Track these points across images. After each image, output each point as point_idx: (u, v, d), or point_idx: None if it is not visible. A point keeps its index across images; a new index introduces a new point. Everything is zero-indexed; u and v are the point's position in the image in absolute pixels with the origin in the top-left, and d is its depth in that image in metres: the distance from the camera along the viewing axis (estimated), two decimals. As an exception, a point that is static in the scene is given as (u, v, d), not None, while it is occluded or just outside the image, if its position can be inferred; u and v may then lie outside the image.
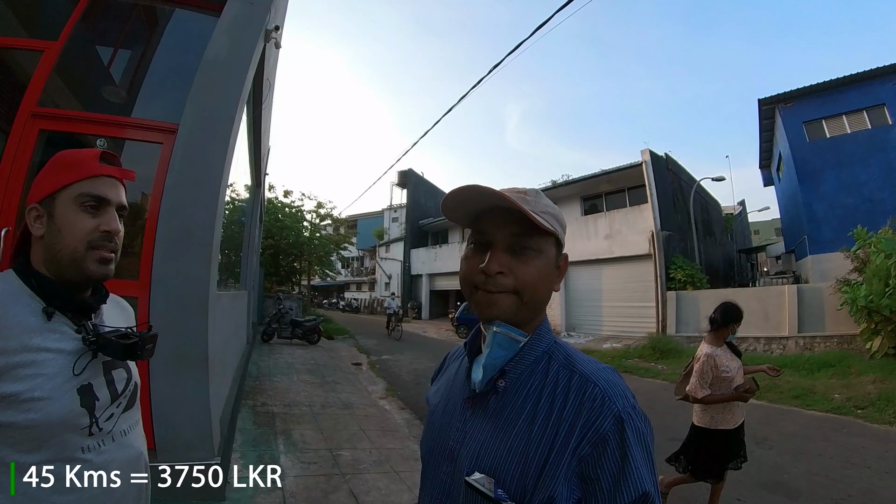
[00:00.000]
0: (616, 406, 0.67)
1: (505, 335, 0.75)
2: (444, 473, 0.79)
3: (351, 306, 38.89)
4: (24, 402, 0.83)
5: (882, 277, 8.91)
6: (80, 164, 0.97)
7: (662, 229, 15.70)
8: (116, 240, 0.98)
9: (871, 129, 15.09)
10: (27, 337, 0.87)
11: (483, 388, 0.77)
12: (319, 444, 4.64)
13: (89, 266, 0.95)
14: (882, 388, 7.64)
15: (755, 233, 36.35)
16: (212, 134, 3.52)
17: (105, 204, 0.97)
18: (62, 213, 0.94)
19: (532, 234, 0.75)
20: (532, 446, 0.69)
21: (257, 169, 8.68)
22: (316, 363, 9.88)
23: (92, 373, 0.95)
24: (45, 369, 0.87)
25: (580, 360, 0.76)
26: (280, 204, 20.85)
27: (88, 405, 0.92)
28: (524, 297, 0.74)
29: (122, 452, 0.98)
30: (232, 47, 3.72)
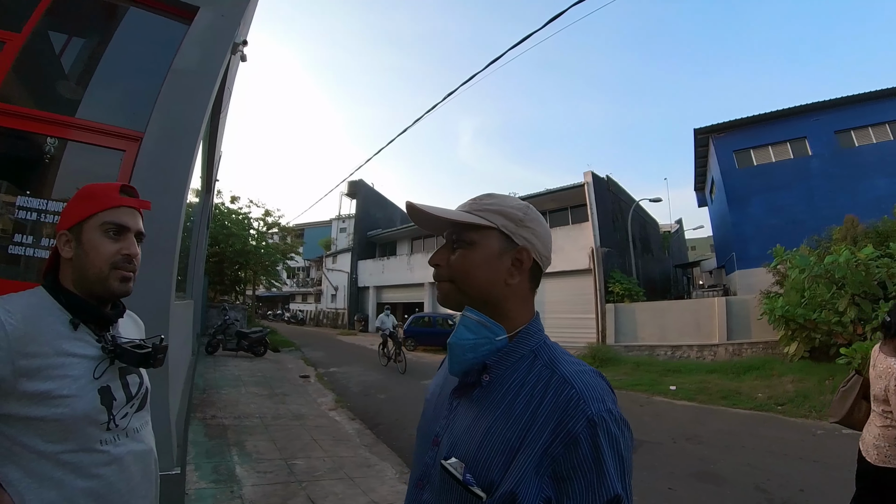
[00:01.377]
0: (590, 409, 0.69)
1: (470, 318, 0.80)
2: (429, 457, 0.83)
3: (296, 318, 37.99)
4: (54, 399, 0.97)
5: (798, 290, 9.90)
6: (103, 196, 1.12)
7: (602, 246, 16.56)
8: (135, 261, 1.13)
9: (794, 158, 16.93)
10: (58, 343, 1.01)
11: (467, 377, 0.82)
12: (273, 454, 4.67)
13: (112, 284, 1.09)
14: (799, 386, 8.57)
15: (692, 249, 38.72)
16: (178, 144, 3.50)
17: (125, 231, 1.12)
18: (89, 239, 1.08)
19: (462, 229, 0.83)
20: (504, 438, 0.72)
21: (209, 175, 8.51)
22: (264, 375, 9.71)
23: (110, 376, 1.09)
24: (72, 371, 1.01)
25: (564, 361, 0.78)
26: (227, 210, 20.11)
27: (107, 403, 1.06)
28: (458, 284, 0.82)
29: (134, 447, 1.12)
30: (202, 59, 3.70)
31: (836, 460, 5.14)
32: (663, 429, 6.68)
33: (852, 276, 8.75)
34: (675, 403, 8.56)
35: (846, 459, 5.11)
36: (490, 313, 0.81)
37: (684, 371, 11.09)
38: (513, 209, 0.84)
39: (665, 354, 13.84)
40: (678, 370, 11.25)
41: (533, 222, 0.85)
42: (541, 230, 0.86)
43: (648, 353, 14.09)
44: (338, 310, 33.95)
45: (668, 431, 6.51)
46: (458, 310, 0.84)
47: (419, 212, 0.84)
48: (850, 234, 11.06)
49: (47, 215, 3.04)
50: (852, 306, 8.82)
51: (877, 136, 15.83)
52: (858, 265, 8.78)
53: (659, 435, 6.31)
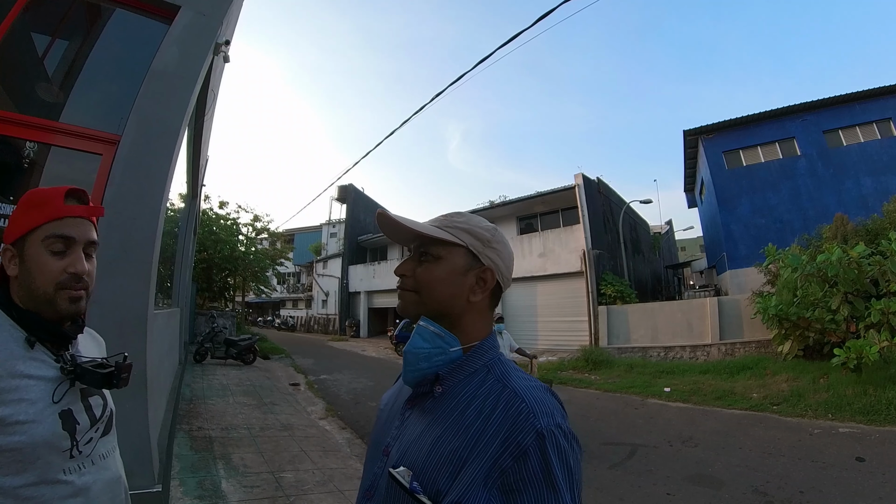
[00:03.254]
0: (539, 423, 0.70)
1: (425, 327, 0.82)
2: (378, 467, 0.84)
3: (287, 324, 37.65)
4: (9, 426, 0.86)
5: (790, 289, 9.89)
6: (46, 204, 0.98)
7: (593, 248, 16.51)
8: (86, 278, 1.01)
9: (782, 158, 17.07)
10: (12, 364, 0.90)
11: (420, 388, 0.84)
12: (261, 466, 4.52)
13: (61, 305, 0.98)
14: (793, 385, 8.53)
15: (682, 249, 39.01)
16: (156, 147, 3.40)
17: (72, 243, 0.99)
18: (32, 256, 0.97)
19: (431, 243, 0.85)
20: (453, 447, 0.73)
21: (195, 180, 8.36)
22: (252, 384, 9.53)
23: (71, 399, 0.99)
24: (29, 395, 0.91)
25: (515, 376, 0.80)
26: (215, 215, 19.85)
27: (70, 428, 0.96)
28: (422, 295, 0.84)
29: (101, 475, 1.02)
30: (182, 59, 3.60)
31: (834, 459, 5.09)
32: (658, 431, 6.60)
33: (844, 274, 8.74)
34: (670, 405, 8.49)
35: (844, 459, 5.13)
36: (447, 326, 0.83)
37: (677, 372, 11.03)
38: (481, 230, 0.87)
39: (658, 356, 13.81)
40: (671, 371, 11.19)
41: (499, 244, 0.88)
42: (505, 252, 0.89)
43: (641, 355, 14.05)
44: (329, 315, 33.72)
45: (663, 434, 6.44)
46: (414, 319, 0.86)
47: (390, 222, 0.86)
48: (841, 233, 11.11)
49: None
50: (845, 304, 8.82)
51: (864, 135, 16.01)
52: (850, 263, 8.77)
53: (654, 438, 6.23)
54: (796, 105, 16.74)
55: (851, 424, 6.47)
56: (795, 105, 16.75)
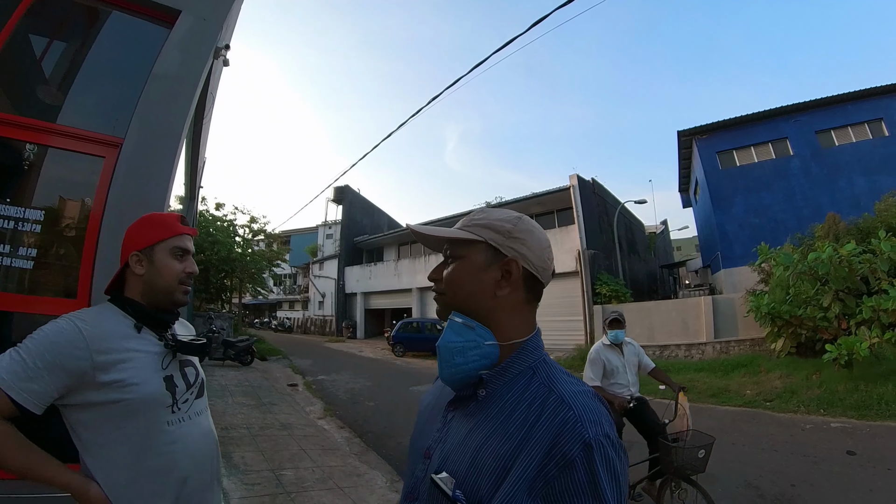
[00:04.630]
0: (588, 433, 0.67)
1: (455, 321, 0.81)
2: (420, 470, 0.82)
3: (284, 326, 37.63)
4: (125, 386, 1.17)
5: (783, 287, 10.04)
6: (169, 224, 1.35)
7: (588, 248, 16.64)
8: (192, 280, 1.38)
9: (776, 159, 17.26)
10: (125, 341, 1.23)
11: (463, 391, 0.81)
12: (261, 465, 4.58)
13: (178, 296, 1.34)
14: (786, 382, 8.71)
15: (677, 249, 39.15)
16: (158, 150, 3.42)
17: (187, 253, 1.36)
18: (160, 259, 1.31)
19: (456, 245, 0.85)
20: (497, 455, 0.70)
21: (193, 182, 8.39)
22: (251, 385, 9.57)
23: (173, 369, 1.30)
24: (139, 363, 1.22)
25: (561, 380, 0.77)
26: (212, 217, 19.87)
27: (171, 389, 1.27)
28: (449, 295, 0.84)
29: (195, 428, 1.31)
30: (183, 63, 3.63)
31: (826, 454, 5.19)
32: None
33: (836, 272, 8.86)
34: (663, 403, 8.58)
35: (835, 453, 5.22)
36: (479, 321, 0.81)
37: (673, 370, 11.11)
38: (501, 222, 0.85)
39: (653, 354, 13.87)
40: (666, 369, 11.15)
41: (523, 233, 0.84)
42: (532, 241, 0.85)
43: (637, 354, 14.14)
44: (325, 317, 33.71)
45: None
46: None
47: (419, 233, 0.89)
48: (833, 232, 11.24)
49: (25, 224, 2.98)
50: (836, 302, 8.94)
51: (856, 135, 16.19)
52: (841, 261, 8.89)
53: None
54: (789, 106, 16.94)
55: (843, 419, 6.59)
56: (788, 106, 16.95)
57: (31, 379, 1.07)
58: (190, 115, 3.81)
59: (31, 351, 1.10)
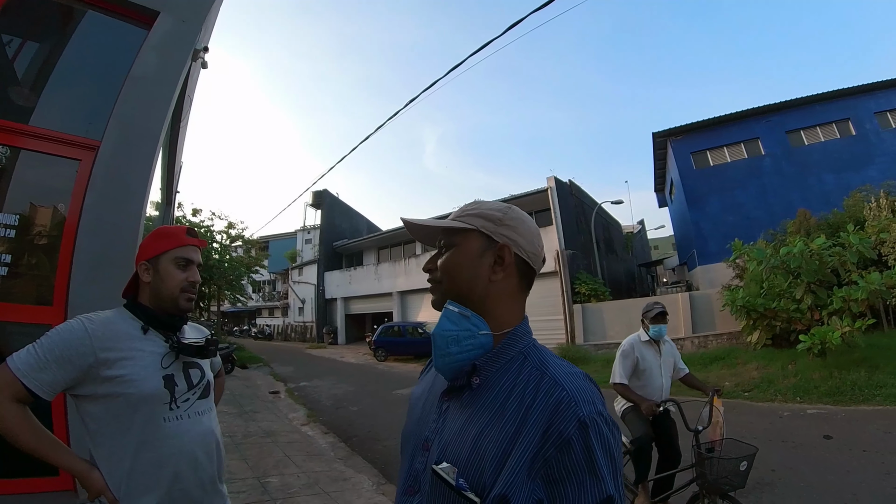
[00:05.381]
0: (582, 411, 0.68)
1: (451, 310, 0.82)
2: (419, 462, 0.82)
3: (264, 333, 37.10)
4: (126, 381, 1.27)
5: (757, 281, 10.33)
6: (175, 236, 1.46)
7: (567, 248, 16.84)
8: (196, 287, 1.47)
9: (748, 158, 17.87)
10: (130, 341, 1.33)
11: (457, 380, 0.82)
12: (245, 472, 4.51)
13: (181, 303, 1.43)
14: (763, 372, 8.91)
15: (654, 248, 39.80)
16: (135, 153, 3.35)
17: (191, 263, 1.46)
18: (164, 269, 1.41)
19: (450, 234, 0.88)
20: (496, 441, 0.71)
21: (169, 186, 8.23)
22: (232, 393, 9.40)
23: (175, 369, 1.39)
24: (142, 362, 1.32)
25: (553, 363, 0.79)
26: (188, 223, 19.49)
27: (170, 388, 1.35)
28: (444, 284, 0.86)
29: (195, 427, 1.38)
30: (161, 65, 3.55)
31: (803, 440, 5.34)
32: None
33: (807, 265, 9.14)
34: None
35: (813, 439, 5.37)
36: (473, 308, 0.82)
37: (654, 365, 11.31)
38: (492, 210, 0.87)
39: (635, 350, 14.09)
40: (648, 365, 11.44)
41: (514, 221, 0.87)
42: (523, 228, 0.87)
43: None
44: (306, 323, 33.34)
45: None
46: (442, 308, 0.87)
47: (412, 225, 0.91)
48: (804, 227, 11.60)
49: None
50: (809, 294, 9.23)
51: (825, 134, 16.82)
52: (812, 255, 9.19)
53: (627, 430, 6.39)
54: (761, 107, 17.50)
55: (819, 406, 6.79)
56: (760, 107, 17.52)
57: (42, 370, 1.21)
58: (168, 118, 3.75)
59: (44, 346, 1.24)
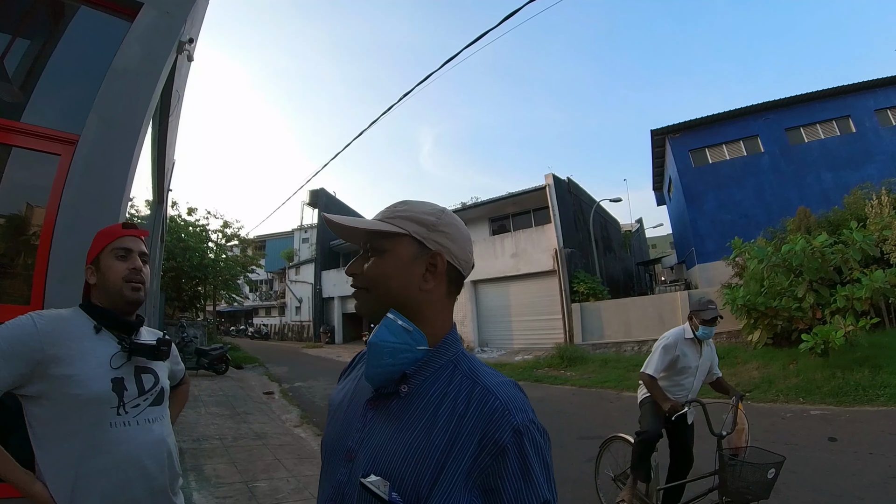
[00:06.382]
0: (515, 419, 0.69)
1: (393, 321, 0.77)
2: (342, 474, 0.78)
3: (261, 333, 36.97)
4: (73, 381, 1.24)
5: (757, 280, 10.16)
6: (111, 232, 1.44)
7: (565, 247, 16.68)
8: (142, 275, 1.43)
9: (747, 156, 17.68)
10: (81, 340, 1.30)
11: (384, 388, 0.79)
12: (234, 477, 4.38)
13: (126, 293, 1.39)
14: (764, 372, 8.82)
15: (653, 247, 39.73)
16: (116, 147, 3.26)
17: (130, 252, 1.42)
18: (105, 264, 1.39)
19: (378, 238, 0.82)
20: (429, 452, 0.70)
21: (160, 184, 8.06)
22: (225, 394, 9.29)
23: (126, 372, 1.35)
24: (90, 362, 1.29)
25: (483, 372, 0.78)
26: (183, 222, 19.19)
27: (118, 391, 1.31)
28: (373, 291, 0.82)
29: (144, 435, 1.33)
30: (143, 57, 3.47)
31: (807, 441, 5.23)
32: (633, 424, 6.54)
33: (809, 263, 9.02)
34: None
35: (816, 440, 5.26)
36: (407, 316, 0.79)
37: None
38: (425, 215, 0.83)
39: (632, 350, 14.00)
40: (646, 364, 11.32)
41: (447, 227, 0.84)
42: (456, 234, 0.84)
43: (615, 350, 14.24)
44: (303, 322, 33.21)
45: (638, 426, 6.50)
46: (373, 319, 0.82)
47: (335, 224, 0.84)
48: (804, 225, 11.49)
49: None
50: (810, 292, 9.10)
51: (824, 132, 16.72)
52: (814, 252, 9.07)
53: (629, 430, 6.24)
54: (759, 104, 17.33)
55: (822, 406, 6.68)
56: (758, 104, 17.34)
57: None
58: (150, 110, 3.64)
59: None
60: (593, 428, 6.60)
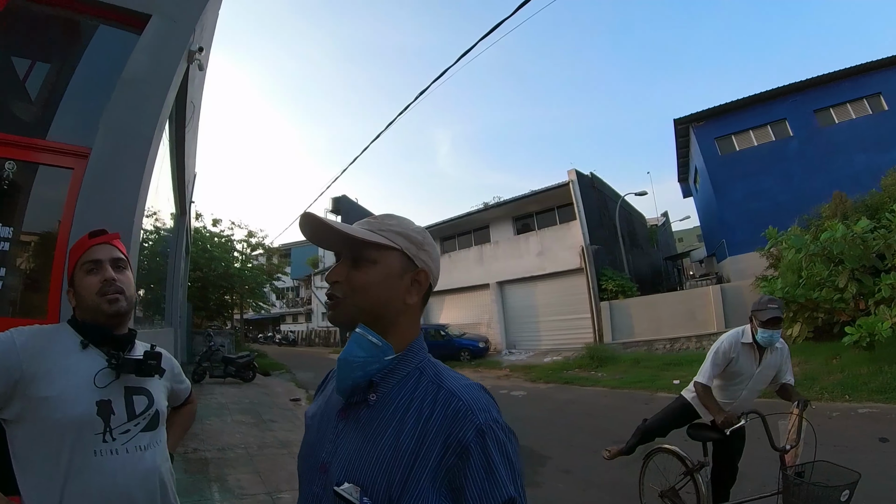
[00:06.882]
0: (478, 419, 0.71)
1: (362, 335, 0.78)
2: (318, 486, 0.80)
3: (288, 339, 37.43)
4: (53, 403, 1.13)
5: (795, 270, 9.71)
6: (78, 247, 1.34)
7: (591, 244, 16.36)
8: (116, 284, 1.29)
9: (775, 141, 16.90)
10: (65, 357, 1.20)
11: (353, 397, 0.80)
12: (257, 487, 4.32)
13: (104, 307, 1.27)
14: (805, 368, 8.39)
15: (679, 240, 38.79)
16: (126, 158, 3.27)
17: (99, 263, 1.29)
18: (78, 282, 1.29)
19: (366, 247, 0.82)
20: (398, 456, 0.71)
21: (181, 196, 8.17)
22: (251, 402, 9.32)
23: (114, 393, 1.23)
24: (71, 380, 1.17)
25: (448, 376, 0.81)
26: (208, 233, 19.62)
27: (104, 416, 1.19)
28: (357, 300, 0.82)
29: (134, 464, 1.21)
30: (151, 67, 3.49)
31: (856, 442, 4.93)
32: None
33: (850, 250, 8.57)
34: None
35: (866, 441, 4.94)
36: (382, 328, 0.81)
37: (684, 363, 10.82)
38: (414, 233, 0.87)
39: (663, 348, 13.65)
40: (678, 363, 10.99)
41: (430, 246, 0.89)
42: (435, 254, 0.90)
43: (646, 349, 13.89)
44: (330, 328, 33.53)
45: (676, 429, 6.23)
46: (348, 326, 0.83)
47: (319, 224, 0.83)
48: (840, 210, 10.96)
49: None
50: (852, 282, 8.64)
51: (855, 111, 15.88)
52: (855, 239, 8.62)
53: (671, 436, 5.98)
54: (786, 86, 16.58)
55: (870, 404, 6.30)
56: (785, 86, 16.59)
57: None
58: (161, 120, 3.64)
59: None
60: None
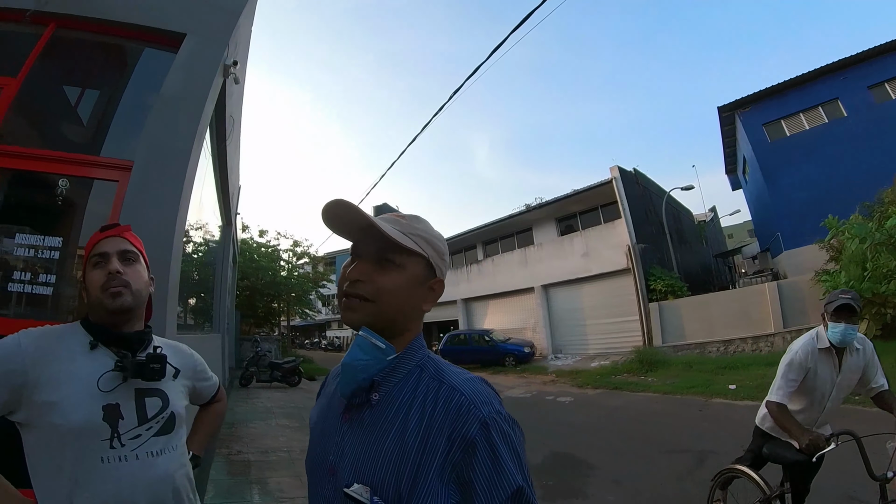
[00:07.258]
0: (481, 412, 0.72)
1: (365, 338, 0.78)
2: (327, 489, 0.79)
3: (333, 345, 38.15)
4: (56, 408, 1.08)
5: (859, 262, 9.05)
6: (90, 241, 1.30)
7: (638, 242, 15.82)
8: (120, 277, 1.23)
9: (828, 122, 15.61)
10: (70, 360, 1.15)
11: (355, 398, 0.80)
12: (297, 491, 4.35)
13: (107, 302, 1.20)
14: (875, 371, 7.67)
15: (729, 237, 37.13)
16: (166, 171, 3.41)
17: (106, 256, 1.24)
18: (87, 278, 1.25)
19: (396, 251, 0.80)
20: (405, 454, 0.71)
21: (227, 208, 8.47)
22: (296, 406, 9.51)
23: (123, 396, 1.17)
24: (75, 386, 1.12)
25: (449, 371, 0.81)
26: (255, 244, 20.41)
27: (111, 421, 1.13)
28: (380, 304, 0.80)
29: (144, 471, 1.14)
30: (187, 82, 3.65)
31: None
32: (728, 435, 5.93)
33: (920, 239, 7.88)
34: (737, 404, 7.85)
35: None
36: (391, 332, 0.81)
37: (740, 367, 10.28)
38: (438, 241, 0.87)
39: (717, 351, 13.00)
40: (733, 366, 10.45)
41: (446, 255, 0.90)
42: (448, 263, 0.91)
43: (699, 352, 13.29)
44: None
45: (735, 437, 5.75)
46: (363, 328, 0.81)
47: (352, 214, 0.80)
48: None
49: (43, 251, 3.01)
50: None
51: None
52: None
53: (724, 443, 5.54)
54: (835, 62, 15.25)
55: (954, 411, 5.72)
56: (834, 62, 15.27)
57: None
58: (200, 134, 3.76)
59: None
60: (681, 440, 6.07)
